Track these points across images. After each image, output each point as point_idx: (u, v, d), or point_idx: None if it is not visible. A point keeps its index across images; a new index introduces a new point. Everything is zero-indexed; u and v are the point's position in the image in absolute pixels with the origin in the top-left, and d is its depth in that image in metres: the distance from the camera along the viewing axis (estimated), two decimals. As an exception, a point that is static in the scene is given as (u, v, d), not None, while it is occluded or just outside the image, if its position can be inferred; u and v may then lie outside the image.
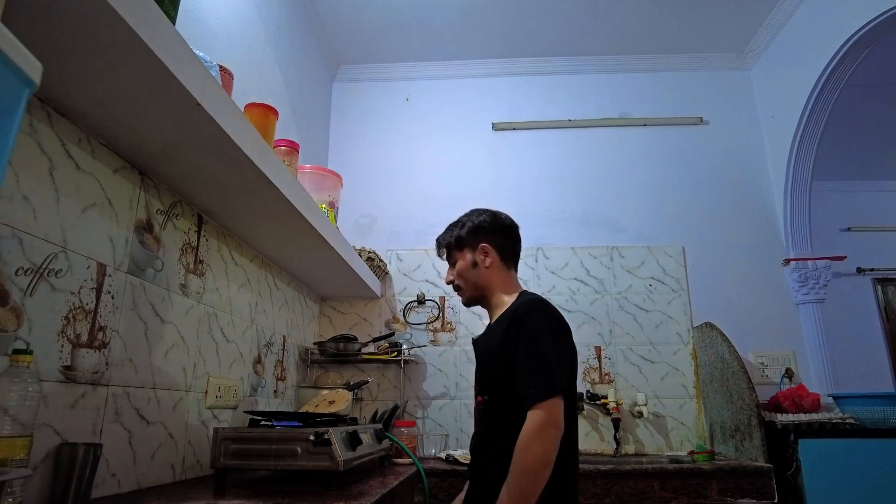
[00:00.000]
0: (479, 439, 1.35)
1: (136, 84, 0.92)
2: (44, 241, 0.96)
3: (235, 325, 1.69)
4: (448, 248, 1.51)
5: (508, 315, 1.33)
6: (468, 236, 1.47)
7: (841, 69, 2.33)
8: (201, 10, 1.60)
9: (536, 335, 1.25)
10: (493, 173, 2.88)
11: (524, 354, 1.23)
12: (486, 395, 1.34)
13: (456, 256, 1.49)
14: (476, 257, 1.45)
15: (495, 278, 1.45)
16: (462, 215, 1.55)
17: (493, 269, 1.45)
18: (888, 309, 3.62)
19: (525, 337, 1.25)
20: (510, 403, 1.24)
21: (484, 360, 1.38)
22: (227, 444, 1.26)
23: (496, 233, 1.48)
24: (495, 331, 1.35)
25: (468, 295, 1.48)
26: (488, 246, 1.45)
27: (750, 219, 2.75)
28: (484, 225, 1.48)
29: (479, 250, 1.46)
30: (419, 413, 2.51)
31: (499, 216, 1.52)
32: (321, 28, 2.74)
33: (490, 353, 1.34)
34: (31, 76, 0.45)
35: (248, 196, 1.38)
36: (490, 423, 1.32)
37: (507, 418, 1.25)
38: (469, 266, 1.46)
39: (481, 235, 1.47)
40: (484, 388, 1.36)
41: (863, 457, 1.91)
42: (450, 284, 1.52)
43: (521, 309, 1.30)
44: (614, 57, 2.99)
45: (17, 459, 0.81)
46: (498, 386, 1.30)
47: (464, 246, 1.47)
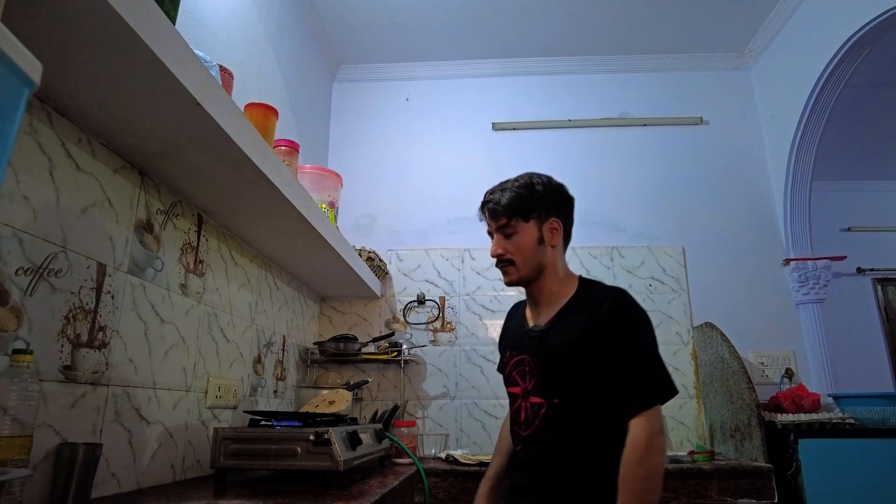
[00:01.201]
0: (540, 445, 1.16)
1: (136, 84, 0.92)
2: (44, 241, 0.96)
3: (235, 325, 1.69)
4: (511, 213, 1.23)
5: (586, 306, 1.16)
6: (540, 205, 1.24)
7: (841, 69, 2.33)
8: (201, 10, 1.60)
9: (638, 332, 1.12)
10: (493, 173, 2.84)
11: (624, 354, 1.09)
12: (556, 398, 1.14)
13: (518, 227, 1.23)
14: (544, 232, 1.24)
15: (556, 261, 1.26)
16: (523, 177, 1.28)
17: (558, 250, 1.26)
18: (888, 309, 3.62)
19: (623, 333, 1.11)
20: (590, 408, 1.12)
21: (555, 357, 1.17)
22: (227, 443, 1.26)
23: (568, 208, 1.29)
24: (570, 323, 1.17)
25: (521, 274, 1.24)
26: (558, 223, 1.26)
27: (750, 219, 2.75)
28: (560, 196, 1.27)
29: (548, 225, 1.25)
30: (419, 413, 2.51)
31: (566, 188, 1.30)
32: (321, 28, 2.74)
33: (567, 349, 1.14)
34: (31, 76, 0.45)
35: (248, 196, 1.38)
36: (560, 428, 1.14)
37: (583, 425, 1.12)
38: (534, 241, 1.23)
39: (554, 209, 1.26)
40: (553, 389, 1.15)
41: (863, 457, 1.91)
42: (496, 257, 1.26)
43: (613, 301, 1.15)
44: (614, 57, 2.98)
45: (17, 459, 0.81)
46: (576, 388, 1.13)
47: (531, 215, 1.23)
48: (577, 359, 1.14)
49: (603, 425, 1.11)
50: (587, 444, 1.11)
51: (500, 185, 1.29)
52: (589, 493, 1.09)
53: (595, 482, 1.09)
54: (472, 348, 2.59)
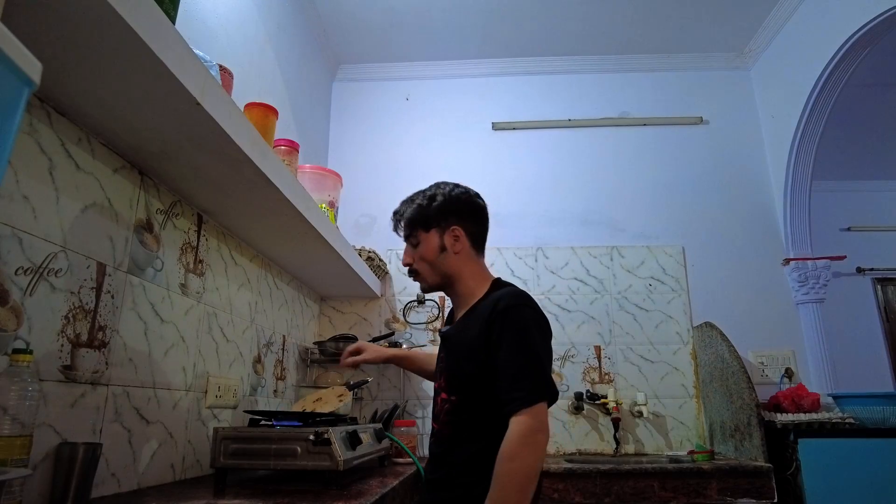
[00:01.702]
0: (443, 441, 1.21)
1: (136, 84, 0.92)
2: (44, 241, 0.96)
3: (235, 325, 1.69)
4: (411, 225, 1.31)
5: (487, 307, 1.19)
6: (437, 215, 1.28)
7: (841, 69, 2.33)
8: (201, 10, 1.60)
9: (526, 332, 1.13)
10: (493, 173, 2.88)
11: (510, 353, 1.11)
12: (456, 395, 1.20)
13: (419, 236, 1.30)
14: (445, 241, 1.27)
15: (465, 267, 1.28)
16: (428, 187, 1.35)
17: (463, 255, 1.28)
18: (888, 309, 3.63)
19: (511, 333, 1.12)
20: (485, 404, 1.14)
21: (457, 356, 1.22)
22: (226, 443, 1.26)
23: (469, 214, 1.31)
24: (471, 324, 1.21)
25: (430, 283, 1.31)
26: (460, 230, 1.28)
27: (750, 218, 2.75)
28: (457, 203, 1.29)
29: (449, 233, 1.28)
30: (419, 413, 2.51)
31: (472, 194, 1.33)
32: (321, 28, 2.74)
33: (466, 349, 1.19)
34: (31, 76, 0.45)
35: (247, 196, 1.38)
36: (459, 424, 1.19)
37: (479, 420, 1.15)
38: (436, 250, 1.27)
39: (452, 216, 1.28)
40: (454, 386, 1.21)
41: (862, 456, 1.91)
42: (407, 267, 1.34)
43: (505, 302, 1.17)
44: (614, 57, 2.98)
45: (17, 459, 0.81)
46: (472, 385, 1.17)
47: (430, 225, 1.28)
48: (472, 358, 1.17)
49: (494, 422, 1.12)
50: (482, 441, 1.12)
51: (408, 197, 1.36)
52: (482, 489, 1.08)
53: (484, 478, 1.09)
54: (472, 348, 2.59)
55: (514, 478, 1.03)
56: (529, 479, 1.04)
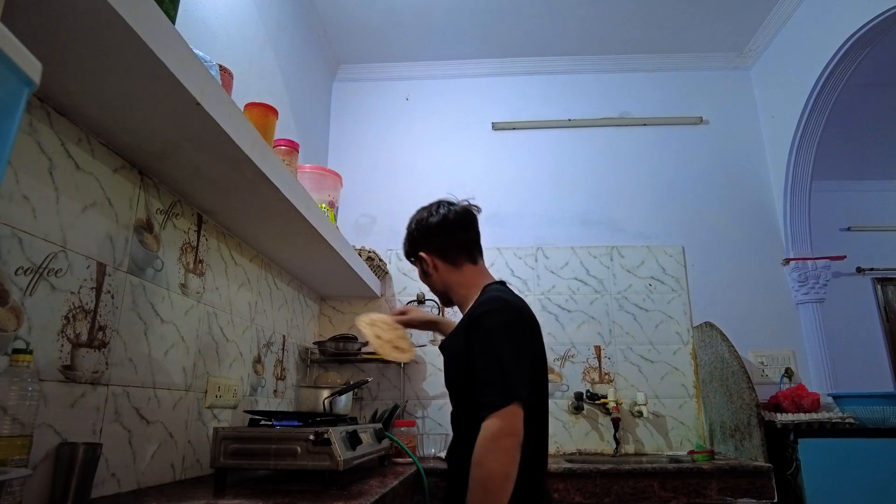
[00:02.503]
0: (452, 441, 1.31)
1: (136, 84, 0.92)
2: (43, 241, 0.96)
3: (235, 325, 1.69)
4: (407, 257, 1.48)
5: (468, 316, 1.24)
6: (410, 248, 1.43)
7: (841, 69, 2.33)
8: (201, 10, 1.60)
9: (491, 338, 1.15)
10: (493, 173, 2.88)
11: (481, 359, 1.14)
12: (453, 401, 1.29)
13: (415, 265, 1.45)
14: (423, 266, 1.40)
15: (449, 280, 1.37)
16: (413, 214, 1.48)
17: (443, 272, 1.37)
18: (888, 308, 3.63)
19: (480, 340, 1.16)
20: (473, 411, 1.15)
21: (448, 365, 1.30)
22: (226, 443, 1.26)
23: (426, 238, 1.39)
24: (456, 334, 1.27)
25: (439, 299, 1.45)
26: (425, 255, 1.38)
27: (750, 218, 2.75)
28: (415, 234, 1.41)
29: (421, 261, 1.40)
30: (419, 413, 2.51)
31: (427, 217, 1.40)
32: (321, 27, 2.74)
33: (453, 358, 1.26)
34: (31, 76, 0.45)
35: (247, 196, 1.38)
36: (458, 429, 1.27)
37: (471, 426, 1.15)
38: (423, 275, 1.42)
39: (417, 245, 1.41)
40: (451, 393, 1.30)
41: (862, 456, 1.91)
42: None
43: (479, 309, 1.21)
44: (614, 56, 2.98)
45: (17, 459, 0.81)
46: (461, 393, 1.24)
47: (411, 258, 1.44)
48: (458, 365, 1.23)
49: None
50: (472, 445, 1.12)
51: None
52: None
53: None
54: (472, 348, 2.59)
55: (480, 483, 1.04)
56: (497, 483, 1.03)
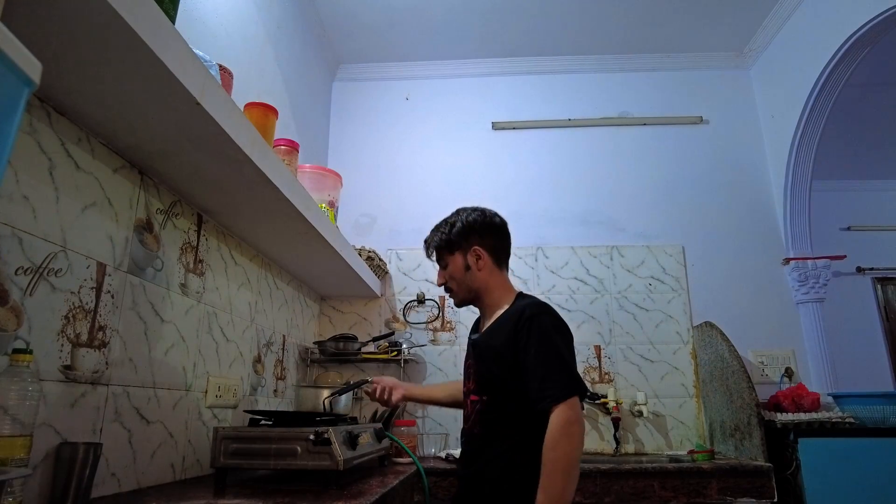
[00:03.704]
0: (476, 438, 1.34)
1: (136, 84, 0.92)
2: (43, 241, 0.96)
3: (235, 325, 1.69)
4: (438, 250, 1.48)
5: (513, 316, 1.32)
6: (458, 238, 1.44)
7: (841, 69, 2.33)
8: (201, 10, 1.60)
9: (550, 336, 1.26)
10: (493, 172, 2.88)
11: (538, 356, 1.24)
12: (486, 395, 1.33)
13: (446, 259, 1.46)
14: (468, 260, 1.43)
15: (490, 280, 1.43)
16: (449, 214, 1.51)
17: (486, 271, 1.43)
18: (888, 308, 3.63)
19: (537, 338, 1.25)
20: (513, 404, 1.27)
21: (485, 360, 1.35)
22: (227, 443, 1.26)
23: (488, 233, 1.45)
24: (498, 331, 1.34)
25: (461, 297, 1.47)
26: (480, 249, 1.42)
27: (750, 218, 2.75)
28: (475, 226, 1.44)
29: (471, 253, 1.43)
30: (419, 412, 2.51)
31: (488, 214, 1.48)
32: (321, 27, 2.74)
33: (494, 354, 1.32)
34: (31, 76, 0.45)
35: (247, 195, 1.38)
36: (490, 422, 1.31)
37: (509, 419, 1.27)
38: (461, 269, 1.43)
39: (473, 237, 1.43)
40: (484, 388, 1.34)
41: (862, 456, 1.91)
42: (441, 287, 1.51)
43: (529, 311, 1.30)
44: (614, 56, 2.98)
45: (17, 459, 0.81)
46: (500, 386, 1.30)
47: (454, 249, 1.44)
48: (500, 361, 1.30)
49: (522, 419, 1.26)
50: (511, 437, 1.27)
51: (434, 226, 1.52)
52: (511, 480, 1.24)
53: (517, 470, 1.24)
54: (472, 348, 2.59)
55: (557, 465, 1.16)
56: (571, 465, 1.16)
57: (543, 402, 1.20)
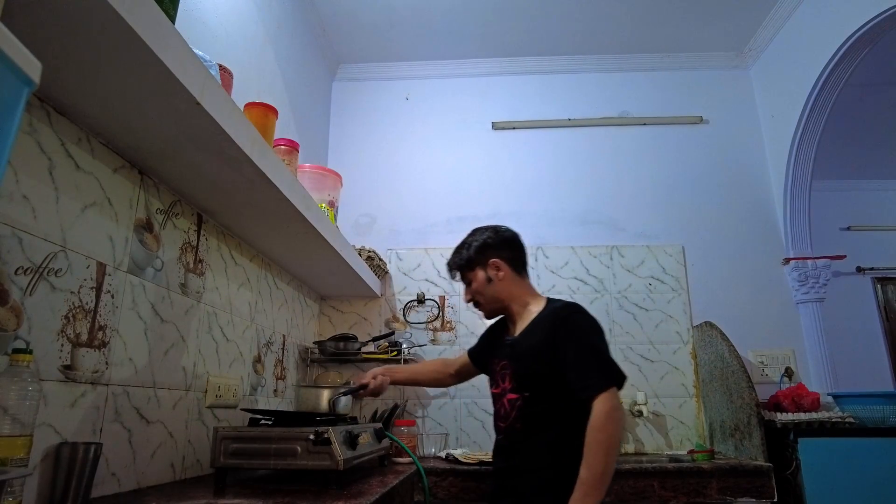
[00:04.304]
0: (516, 433, 1.41)
1: (136, 84, 0.92)
2: (43, 241, 0.96)
3: (235, 325, 1.69)
4: (460, 270, 1.60)
5: (548, 317, 1.43)
6: (477, 255, 1.56)
7: (841, 68, 2.33)
8: (201, 10, 1.60)
9: (587, 333, 1.38)
10: (493, 172, 2.88)
11: (577, 351, 1.34)
12: (527, 392, 1.40)
13: (469, 276, 1.57)
14: (489, 273, 1.54)
15: (512, 288, 1.54)
16: (465, 237, 1.64)
17: (507, 280, 1.54)
18: (888, 308, 3.63)
19: (575, 335, 1.36)
20: (553, 398, 1.36)
21: (525, 360, 1.43)
22: (226, 443, 1.26)
23: (502, 246, 1.57)
24: (535, 332, 1.44)
25: (489, 308, 1.57)
26: (498, 261, 1.54)
27: (750, 218, 2.75)
28: (489, 241, 1.57)
29: (490, 266, 1.54)
30: (419, 412, 2.51)
31: (500, 230, 1.61)
32: (321, 27, 2.74)
33: (534, 353, 1.41)
34: (31, 75, 0.45)
35: (247, 195, 1.38)
36: (530, 417, 1.39)
37: (549, 413, 1.37)
38: (484, 282, 1.54)
39: (489, 252, 1.55)
40: (525, 385, 1.42)
41: (862, 456, 1.91)
42: (469, 303, 1.61)
43: (565, 311, 1.42)
44: (614, 56, 2.98)
45: (17, 459, 0.81)
46: (541, 383, 1.39)
47: (475, 265, 1.56)
48: (541, 359, 1.39)
49: (561, 413, 1.35)
50: (552, 430, 1.36)
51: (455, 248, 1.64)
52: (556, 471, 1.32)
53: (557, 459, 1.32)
54: (472, 348, 2.59)
55: (602, 445, 1.25)
56: (613, 446, 1.26)
57: (587, 390, 1.29)
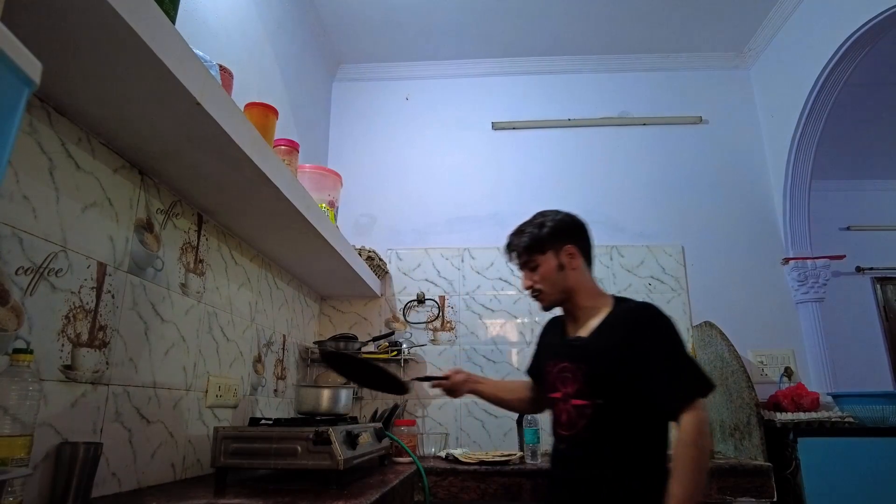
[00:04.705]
0: (585, 443, 1.27)
1: (136, 84, 0.92)
2: (44, 241, 0.96)
3: (235, 325, 1.69)
4: (529, 251, 1.42)
5: (625, 318, 1.30)
6: (551, 238, 1.40)
7: (840, 68, 2.34)
8: (201, 10, 1.60)
9: (671, 338, 1.25)
10: (493, 173, 2.88)
11: (662, 357, 1.23)
12: (600, 399, 1.26)
13: (537, 260, 1.40)
14: (562, 259, 1.39)
15: (582, 281, 1.39)
16: (534, 216, 1.47)
17: (579, 271, 1.39)
18: (887, 308, 3.63)
19: (660, 340, 1.25)
20: (629, 407, 1.24)
21: (597, 363, 1.29)
22: (227, 443, 1.26)
23: (579, 234, 1.43)
24: (610, 334, 1.30)
25: (552, 299, 1.41)
26: (573, 248, 1.39)
27: (749, 218, 2.75)
28: (565, 226, 1.42)
29: (563, 252, 1.39)
30: (419, 412, 2.51)
31: (574, 216, 1.46)
32: (321, 27, 2.74)
33: (609, 355, 1.27)
34: (31, 75, 0.45)
35: (248, 195, 1.38)
36: (602, 426, 1.25)
37: (623, 422, 1.24)
38: (554, 269, 1.38)
39: (565, 237, 1.40)
40: (598, 391, 1.27)
41: (862, 455, 1.91)
42: (528, 290, 1.44)
43: (647, 313, 1.29)
44: (614, 56, 2.98)
45: (18, 458, 0.81)
46: (617, 390, 1.25)
47: (546, 248, 1.40)
48: (619, 363, 1.26)
49: (641, 423, 1.24)
50: (628, 440, 1.24)
51: (517, 227, 1.47)
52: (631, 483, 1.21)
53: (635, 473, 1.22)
54: (472, 347, 2.59)
55: (695, 461, 1.15)
56: (706, 462, 1.18)
57: (674, 402, 1.19)
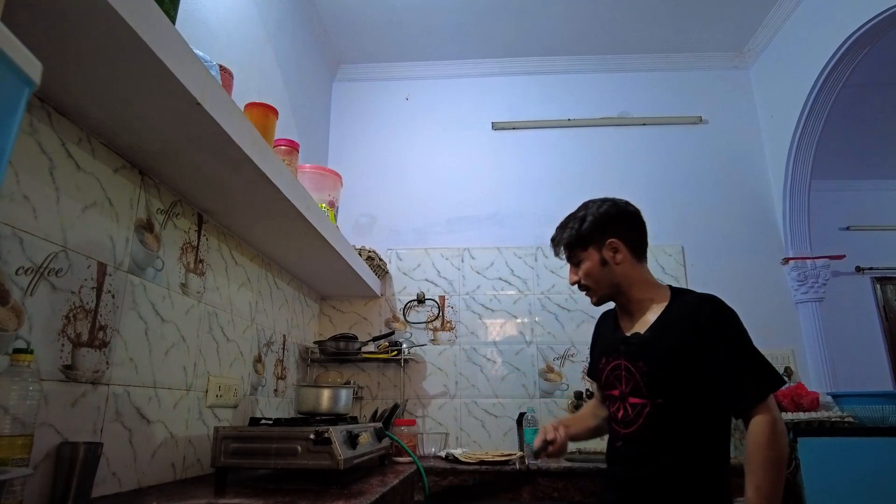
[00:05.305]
0: (644, 442, 1.22)
1: (136, 84, 0.92)
2: (44, 241, 0.96)
3: (236, 325, 1.69)
4: (570, 247, 1.37)
5: (686, 312, 1.25)
6: (592, 232, 1.33)
7: (840, 68, 2.34)
8: (201, 10, 1.60)
9: (741, 334, 1.22)
10: (493, 173, 2.88)
11: (731, 354, 1.18)
12: (660, 398, 1.21)
13: (580, 256, 1.35)
14: (605, 255, 1.32)
15: (632, 274, 1.33)
16: (577, 208, 1.40)
17: (627, 264, 1.32)
18: (887, 308, 3.63)
19: (726, 337, 1.20)
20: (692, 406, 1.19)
21: (659, 360, 1.23)
22: (227, 442, 1.26)
23: (624, 224, 1.35)
24: (671, 329, 1.24)
25: (600, 294, 1.36)
26: (617, 241, 1.32)
27: (749, 218, 2.75)
28: (607, 217, 1.34)
29: (607, 247, 1.32)
30: (419, 412, 2.51)
31: (620, 204, 1.38)
32: (321, 27, 2.74)
33: (670, 354, 1.21)
34: (32, 76, 0.45)
35: (248, 195, 1.38)
36: (663, 426, 1.20)
37: (684, 421, 1.19)
38: (598, 265, 1.33)
39: (608, 229, 1.33)
40: (659, 390, 1.21)
41: (861, 455, 1.91)
42: (574, 285, 1.41)
43: (710, 306, 1.25)
44: (614, 56, 2.99)
45: (18, 458, 0.81)
46: (679, 389, 1.20)
47: (588, 243, 1.34)
48: (682, 361, 1.20)
49: (703, 423, 1.19)
50: (689, 440, 1.19)
51: (561, 223, 1.42)
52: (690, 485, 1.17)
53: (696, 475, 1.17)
54: (472, 347, 2.59)
55: (773, 463, 1.11)
56: (784, 463, 1.13)
57: (746, 401, 1.15)
